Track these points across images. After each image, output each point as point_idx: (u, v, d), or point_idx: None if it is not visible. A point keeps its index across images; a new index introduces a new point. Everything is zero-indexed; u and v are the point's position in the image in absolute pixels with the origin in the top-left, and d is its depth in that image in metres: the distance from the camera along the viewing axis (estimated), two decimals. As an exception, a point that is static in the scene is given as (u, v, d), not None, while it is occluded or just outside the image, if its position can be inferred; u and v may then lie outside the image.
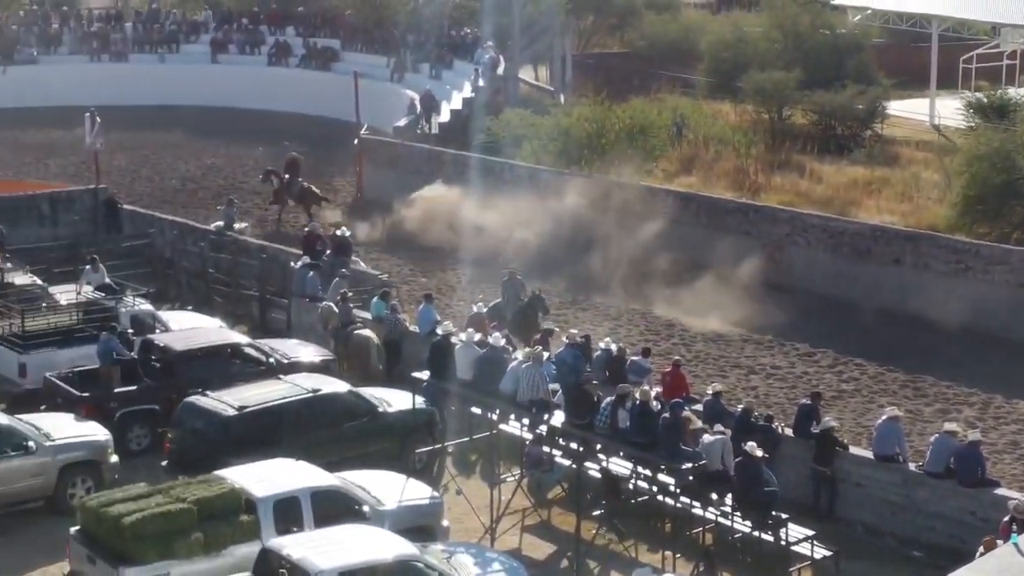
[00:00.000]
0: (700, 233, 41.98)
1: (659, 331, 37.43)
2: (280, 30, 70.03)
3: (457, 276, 41.97)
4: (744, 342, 36.71)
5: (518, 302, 33.97)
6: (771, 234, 40.81)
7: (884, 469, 25.57)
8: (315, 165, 56.08)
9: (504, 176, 46.53)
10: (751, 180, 51.64)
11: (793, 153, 55.89)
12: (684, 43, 73.66)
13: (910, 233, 39.24)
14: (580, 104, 54.14)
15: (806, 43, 65.56)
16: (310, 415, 26.69)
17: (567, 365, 25.30)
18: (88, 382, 29.03)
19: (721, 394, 27.27)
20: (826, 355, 35.73)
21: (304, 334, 34.54)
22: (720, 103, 64.86)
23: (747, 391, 33.09)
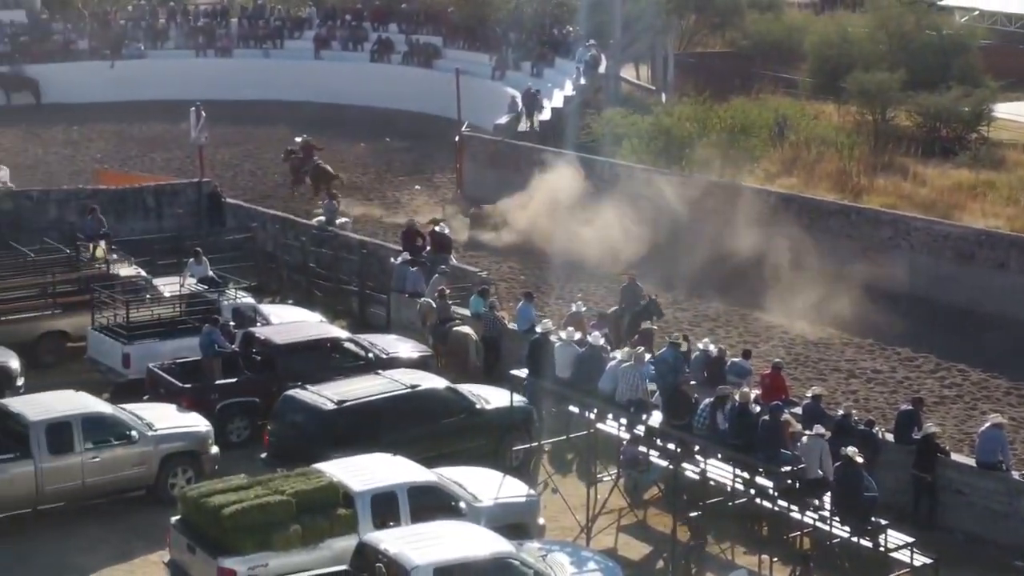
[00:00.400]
0: (801, 235, 41.52)
1: (758, 333, 37.19)
2: (383, 27, 70.35)
3: (556, 275, 41.91)
4: (844, 345, 36.40)
5: (635, 307, 33.49)
6: (873, 237, 40.37)
7: (987, 477, 25.23)
8: (415, 161, 56.54)
9: (604, 175, 46.41)
10: (853, 182, 51.22)
11: (896, 155, 55.35)
12: (787, 43, 73.13)
13: (1015, 238, 38.67)
14: (681, 103, 53.89)
15: (911, 44, 64.89)
16: (408, 410, 26.79)
17: (667, 364, 25.20)
18: (190, 374, 29.39)
19: (820, 397, 27.05)
20: (928, 360, 35.33)
21: (403, 330, 34.69)
22: (823, 104, 64.41)
23: (847, 395, 32.79)
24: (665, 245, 42.85)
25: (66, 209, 42.56)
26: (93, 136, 60.60)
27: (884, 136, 57.54)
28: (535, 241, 43.91)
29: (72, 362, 32.95)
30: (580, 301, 33.38)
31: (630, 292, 34.34)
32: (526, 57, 63.66)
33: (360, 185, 52.83)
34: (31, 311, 33.46)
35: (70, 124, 61.94)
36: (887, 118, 59.46)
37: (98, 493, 25.73)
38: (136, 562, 24.36)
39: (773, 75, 69.21)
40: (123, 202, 43.45)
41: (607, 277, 40.57)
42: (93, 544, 24.88)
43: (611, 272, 40.08)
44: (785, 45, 73.07)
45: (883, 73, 59.39)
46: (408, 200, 50.55)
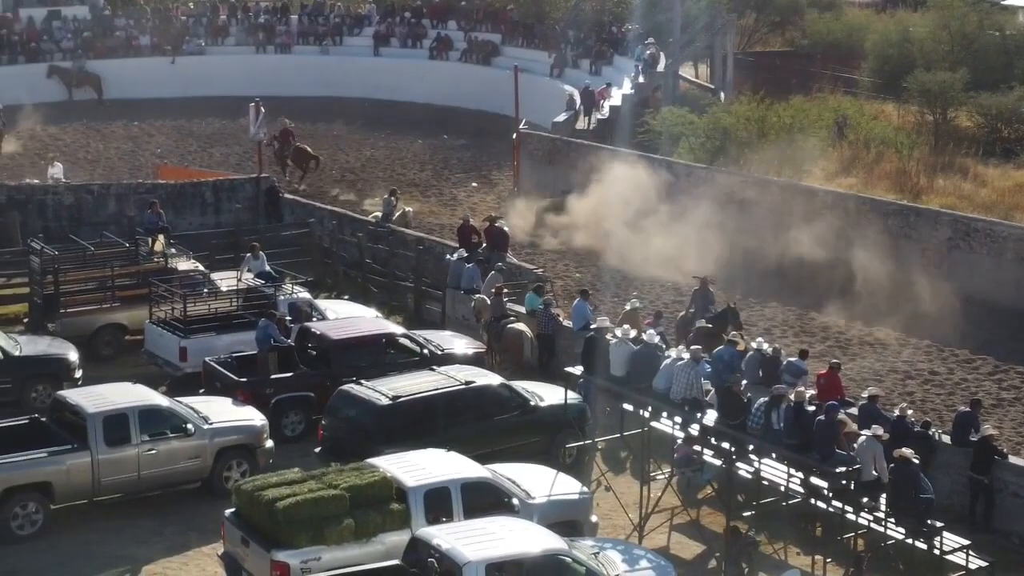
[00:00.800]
0: (859, 234, 41.30)
1: (814, 333, 36.97)
2: (442, 24, 70.47)
3: (612, 274, 41.83)
4: (901, 346, 36.12)
5: (706, 313, 32.70)
6: (932, 237, 40.04)
7: (1047, 481, 24.99)
8: (472, 158, 56.58)
9: (662, 174, 46.24)
10: (912, 182, 50.84)
11: (957, 156, 54.89)
12: (847, 42, 72.66)
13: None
14: (739, 102, 53.67)
15: (973, 43, 64.28)
16: (462, 406, 26.83)
17: (723, 363, 25.03)
18: (246, 368, 29.55)
19: (877, 398, 26.81)
20: (986, 362, 35.01)
21: (458, 326, 34.78)
22: (883, 103, 63.96)
23: (903, 396, 32.49)
24: (723, 244, 42.77)
25: (126, 203, 42.99)
26: (153, 132, 60.99)
27: (945, 136, 57.08)
28: (591, 238, 43.90)
29: (130, 355, 33.25)
30: (635, 299, 33.28)
31: (701, 296, 33.68)
32: (584, 55, 63.58)
33: (418, 182, 52.93)
34: (91, 304, 33.71)
35: (131, 120, 62.40)
36: (948, 118, 58.91)
37: (154, 485, 25.93)
38: (190, 554, 24.54)
39: (832, 74, 68.76)
40: (182, 197, 43.82)
41: (668, 280, 40.53)
42: (148, 536, 25.08)
43: (675, 275, 39.99)
44: (845, 44, 72.61)
45: (945, 73, 58.87)
46: (465, 197, 50.63)
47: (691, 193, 43.93)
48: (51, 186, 43.94)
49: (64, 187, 43.59)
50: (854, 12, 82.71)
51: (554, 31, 65.90)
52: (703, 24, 63.58)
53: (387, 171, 54.74)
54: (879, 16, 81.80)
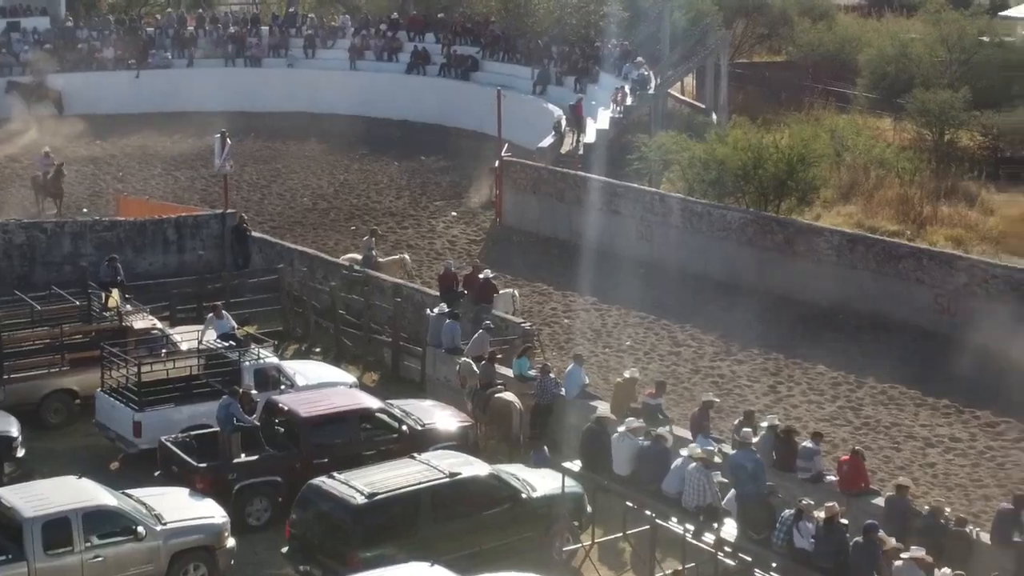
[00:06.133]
0: (867, 278, 38.75)
1: (823, 391, 34.29)
2: (419, 37, 67.55)
3: (602, 317, 39.22)
4: (918, 406, 33.47)
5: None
6: (947, 283, 37.39)
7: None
8: (452, 183, 53.79)
9: (655, 207, 43.65)
10: (916, 211, 48.46)
11: (960, 179, 52.54)
12: (840, 54, 70.19)
13: (1103, 291, 35.61)
14: (734, 126, 51.01)
15: (973, 58, 61.89)
16: (447, 502, 24.01)
17: (746, 471, 22.24)
18: (206, 448, 26.72)
19: (906, 489, 24.18)
20: (1011, 426, 32.29)
21: (440, 388, 32.04)
22: (878, 118, 61.59)
23: (924, 468, 30.02)
24: (720, 287, 40.52)
25: (82, 242, 40.15)
26: (115, 152, 57.92)
27: (946, 158, 54.70)
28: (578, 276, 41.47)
29: (81, 422, 30.46)
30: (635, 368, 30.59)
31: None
32: (569, 72, 60.75)
33: (394, 210, 50.16)
34: (37, 368, 30.87)
35: (93, 138, 59.33)
36: (949, 139, 56.45)
37: (101, 595, 23.11)
38: None
39: (825, 88, 66.30)
40: (142, 235, 41.01)
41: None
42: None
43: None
44: (838, 57, 70.12)
45: (945, 92, 56.45)
46: (444, 229, 47.83)
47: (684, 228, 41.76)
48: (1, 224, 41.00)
49: (15, 225, 40.63)
50: (845, 20, 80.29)
51: (537, 46, 63.02)
52: (695, 41, 60.81)
53: (361, 198, 51.91)
54: (869, 23, 79.52)
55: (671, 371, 34.87)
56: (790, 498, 22.51)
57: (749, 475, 21.89)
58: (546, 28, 64.32)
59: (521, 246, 45.76)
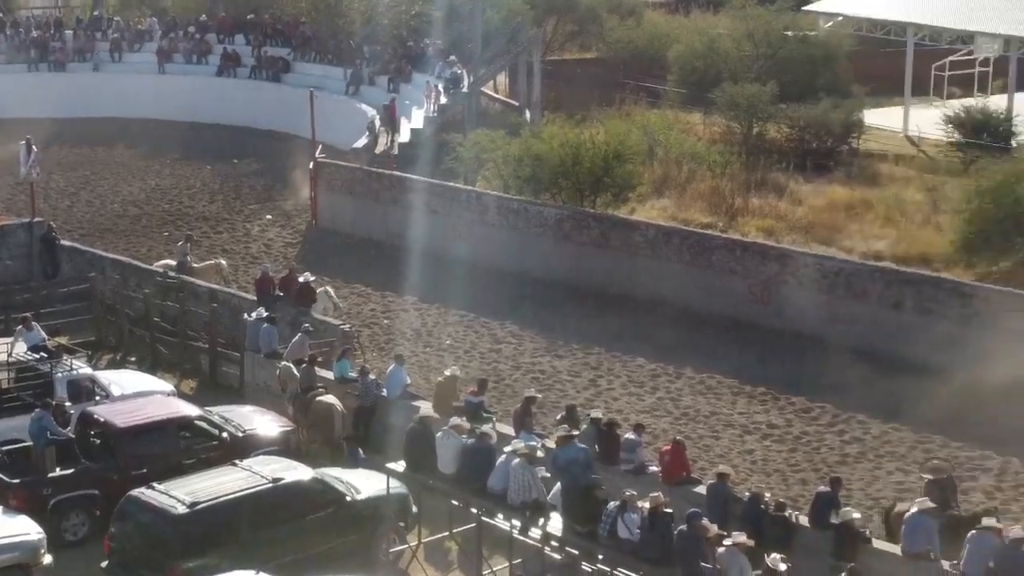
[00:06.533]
0: (682, 270, 39.27)
1: (643, 383, 34.63)
2: (229, 39, 66.62)
3: (422, 317, 39.11)
4: (735, 395, 33.99)
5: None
6: (760, 273, 38.05)
7: (914, 567, 22.87)
8: (266, 186, 53.16)
9: (471, 206, 43.69)
10: (728, 203, 49.18)
11: (769, 171, 53.47)
12: (649, 50, 70.89)
13: (911, 275, 36.51)
14: (550, 122, 51.22)
15: (779, 52, 63.06)
16: (270, 508, 23.64)
17: (579, 464, 22.24)
18: (19, 463, 26.00)
19: (727, 476, 24.55)
20: (825, 411, 32.96)
21: (258, 392, 31.66)
22: (689, 114, 62.38)
23: (743, 455, 30.48)
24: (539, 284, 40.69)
25: None
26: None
27: (755, 151, 55.62)
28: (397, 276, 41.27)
29: None
30: (450, 348, 30.53)
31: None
32: (382, 72, 60.46)
33: (207, 215, 49.42)
34: None
35: None
36: (758, 132, 57.44)
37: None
38: None
39: (636, 84, 66.96)
40: (-55, 246, 39.78)
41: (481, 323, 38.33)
42: None
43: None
44: (647, 53, 70.82)
45: (753, 86, 57.43)
46: (260, 233, 47.26)
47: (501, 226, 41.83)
48: None
49: None
50: (653, 17, 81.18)
51: (349, 46, 62.58)
52: (507, 39, 60.94)
53: (174, 203, 51.02)
54: (677, 19, 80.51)
55: (492, 369, 34.90)
56: (614, 490, 22.64)
57: (583, 467, 21.94)
58: (357, 28, 63.90)
59: (338, 248, 45.43)
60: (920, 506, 23.07)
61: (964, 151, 54.48)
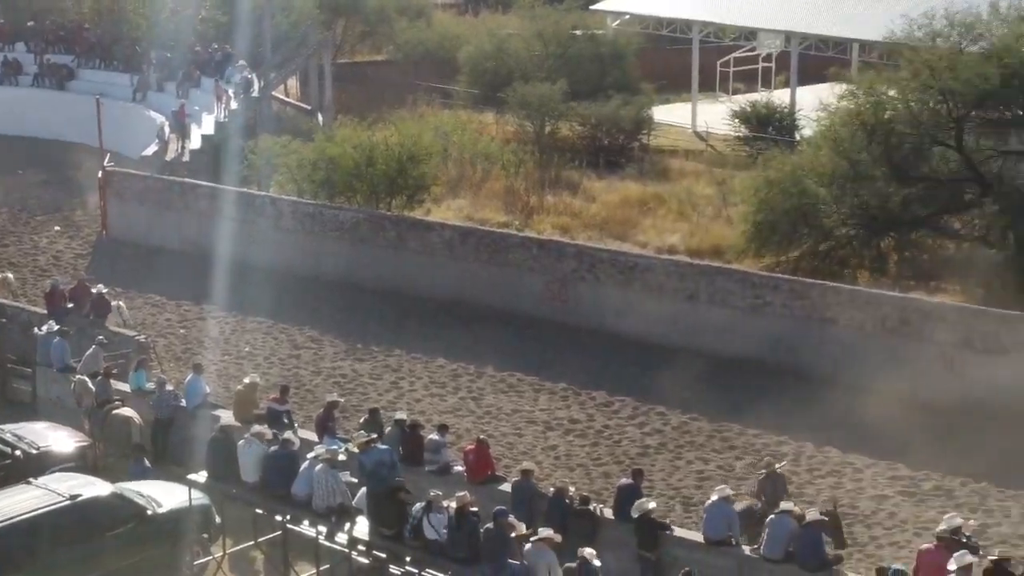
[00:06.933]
0: (480, 270, 39.45)
1: (444, 383, 34.69)
2: (9, 47, 64.78)
3: (219, 325, 38.60)
4: (537, 392, 34.26)
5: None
6: (557, 269, 38.42)
7: (717, 553, 23.33)
8: (53, 197, 51.89)
9: (266, 211, 43.28)
10: (523, 201, 49.58)
11: (562, 169, 54.06)
12: (441, 51, 71.13)
13: (705, 267, 37.25)
14: (342, 125, 50.97)
15: (568, 51, 63.77)
16: (69, 526, 23.08)
17: (386, 467, 22.12)
18: None
19: (531, 473, 24.74)
20: (625, 404, 33.43)
21: (52, 407, 30.86)
22: (481, 114, 62.71)
23: (546, 451, 30.74)
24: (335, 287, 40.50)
25: None
26: None
27: (548, 149, 56.17)
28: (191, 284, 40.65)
29: None
30: (255, 373, 30.18)
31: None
32: (170, 77, 59.43)
33: (-12, 227, 48.12)
34: None
35: None
36: (550, 131, 57.99)
37: None
38: None
39: (429, 85, 67.09)
40: None
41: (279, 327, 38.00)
42: None
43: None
44: (439, 54, 71.05)
45: (544, 85, 58.00)
46: (48, 245, 46.11)
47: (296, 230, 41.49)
48: None
49: None
50: (442, 18, 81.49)
51: (135, 52, 61.39)
52: (297, 42, 60.48)
53: (-45, 218, 49.59)
54: (466, 20, 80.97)
55: (293, 374, 34.63)
56: (419, 491, 22.62)
57: (390, 469, 21.85)
58: (143, 33, 62.72)
59: (130, 258, 44.58)
60: (720, 494, 23.53)
61: (751, 145, 55.80)
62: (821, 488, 28.93)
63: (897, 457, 30.07)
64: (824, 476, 29.64)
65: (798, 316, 34.83)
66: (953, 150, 39.32)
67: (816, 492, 28.69)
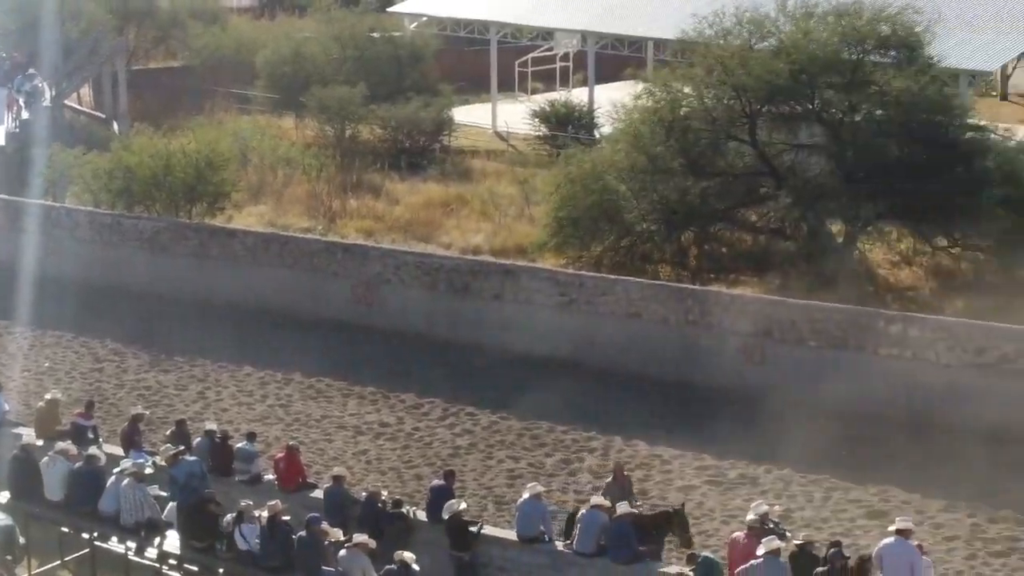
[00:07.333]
0: (285, 275, 39.19)
1: (252, 392, 34.38)
2: None
3: (16, 341, 37.68)
4: (346, 396, 34.16)
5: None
6: (362, 273, 38.33)
7: (529, 551, 23.55)
8: None
9: (62, 222, 42.38)
10: (326, 206, 49.36)
11: (365, 172, 53.94)
12: (237, 57, 70.27)
13: (509, 267, 37.54)
14: (139, 133, 50.09)
15: (367, 54, 63.63)
16: None
17: (197, 477, 21.87)
18: None
19: (343, 479, 24.70)
20: (435, 405, 33.49)
21: None
22: (281, 119, 62.24)
23: (357, 456, 30.65)
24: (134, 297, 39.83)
25: None
26: None
27: (350, 153, 55.99)
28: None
29: None
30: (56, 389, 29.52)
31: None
32: (-44, 88, 57.89)
33: None
34: None
35: None
36: (351, 134, 57.80)
37: None
38: None
39: (226, 91, 66.28)
40: None
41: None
42: None
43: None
44: (235, 59, 70.19)
45: (343, 88, 57.77)
46: None
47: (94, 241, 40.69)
48: None
49: None
50: (237, 22, 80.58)
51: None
52: (89, 49, 59.25)
53: None
54: (262, 24, 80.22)
55: (96, 388, 33.97)
56: (230, 502, 22.40)
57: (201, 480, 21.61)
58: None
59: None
60: (531, 491, 23.76)
61: (551, 143, 56.34)
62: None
63: (703, 448, 30.70)
64: (633, 469, 29.95)
65: (603, 312, 35.28)
66: (747, 144, 40.21)
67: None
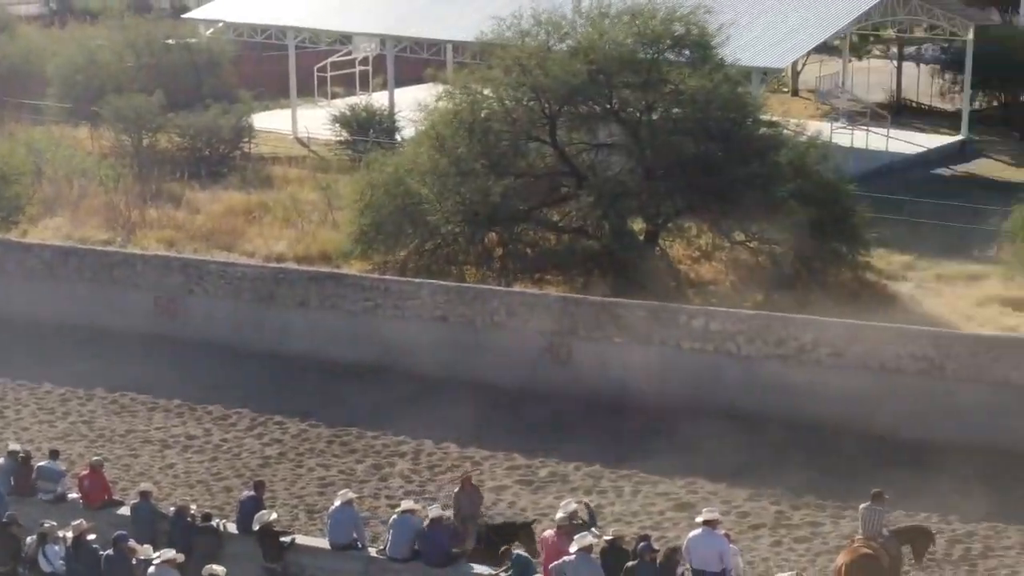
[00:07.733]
0: (84, 289, 38.38)
1: (53, 409, 33.65)
2: None
3: None
4: (151, 410, 33.64)
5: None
6: (164, 284, 37.73)
7: (343, 558, 23.53)
8: None
9: None
10: (124, 217, 48.42)
11: (164, 181, 53.06)
12: (26, 66, 68.45)
13: (314, 273, 37.31)
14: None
15: (162, 61, 62.65)
16: None
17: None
18: None
19: (150, 494, 24.39)
20: (242, 416, 33.16)
21: None
22: (75, 129, 60.86)
23: (164, 470, 30.21)
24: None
25: None
26: None
27: (148, 162, 55.00)
28: None
29: None
30: None
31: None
32: None
33: None
34: None
35: None
36: (149, 142, 56.78)
37: None
38: None
39: (17, 101, 64.56)
40: None
41: None
42: None
43: None
44: (24, 69, 68.35)
45: (139, 96, 56.73)
46: None
47: None
48: None
49: None
50: (26, 30, 78.54)
51: None
52: None
53: None
54: (53, 32, 78.36)
55: None
56: (32, 523, 21.88)
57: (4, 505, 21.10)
58: None
59: None
60: (343, 498, 23.70)
61: (353, 148, 56.10)
62: (442, 484, 29.37)
63: (513, 448, 30.90)
64: (444, 472, 30.16)
65: (409, 316, 35.28)
66: (548, 145, 40.51)
67: (437, 488, 29.14)
